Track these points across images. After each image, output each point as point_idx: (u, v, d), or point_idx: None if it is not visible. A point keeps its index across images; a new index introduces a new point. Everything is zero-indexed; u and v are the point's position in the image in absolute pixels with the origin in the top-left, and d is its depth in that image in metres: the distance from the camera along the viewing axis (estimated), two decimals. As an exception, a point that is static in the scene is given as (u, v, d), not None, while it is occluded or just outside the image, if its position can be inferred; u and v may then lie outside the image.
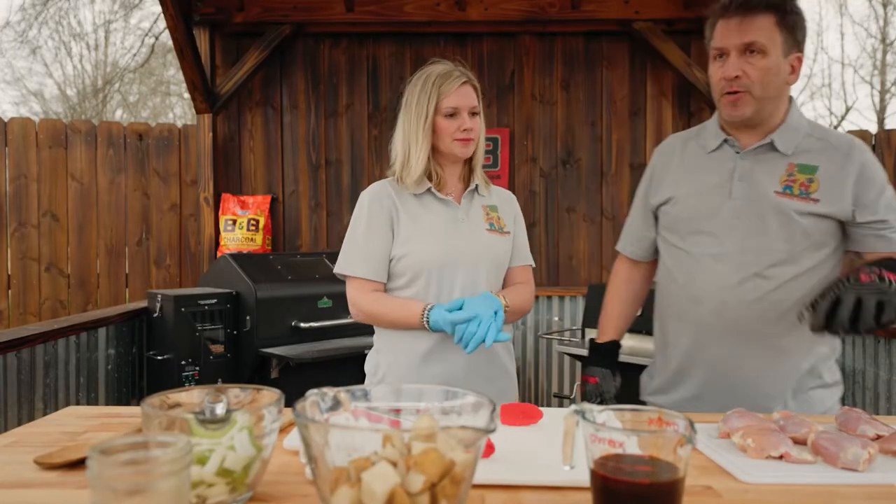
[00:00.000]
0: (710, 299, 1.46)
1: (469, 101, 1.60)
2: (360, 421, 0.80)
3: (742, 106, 1.41)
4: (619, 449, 0.70)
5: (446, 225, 1.61)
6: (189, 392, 0.88)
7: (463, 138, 1.59)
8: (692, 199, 1.51)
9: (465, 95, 1.60)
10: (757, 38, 1.38)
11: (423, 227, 1.60)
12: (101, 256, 4.18)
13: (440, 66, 1.65)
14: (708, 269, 1.47)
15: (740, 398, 1.42)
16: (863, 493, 0.86)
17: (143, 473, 0.62)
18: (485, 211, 1.66)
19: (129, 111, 13.64)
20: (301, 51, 4.11)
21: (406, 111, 1.64)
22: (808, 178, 1.41)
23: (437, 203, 1.63)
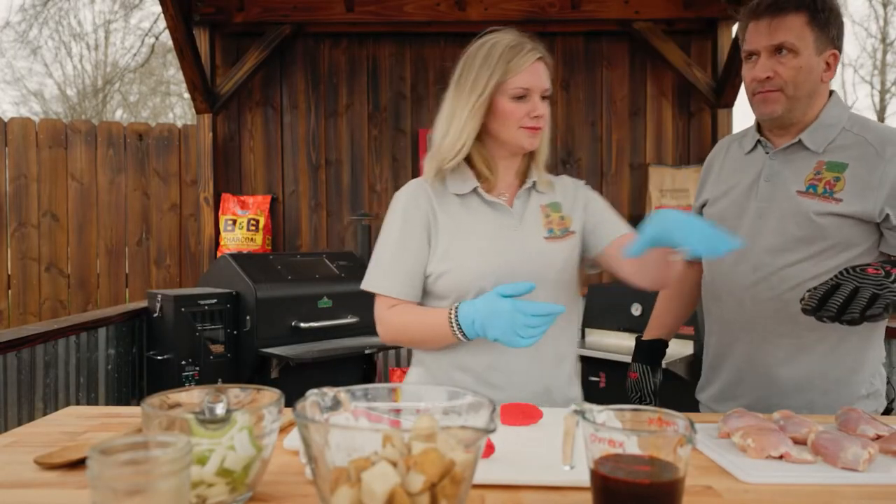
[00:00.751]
0: (729, 298, 1.48)
1: (542, 81, 1.35)
2: (360, 421, 0.80)
3: (772, 103, 1.40)
4: (619, 449, 0.70)
5: (495, 235, 1.36)
6: (189, 392, 0.88)
7: (532, 126, 1.33)
8: (724, 201, 1.53)
9: (539, 74, 1.34)
10: (787, 39, 1.36)
11: (466, 239, 1.35)
12: (101, 256, 4.18)
13: (508, 35, 1.36)
14: (728, 268, 1.48)
15: (766, 395, 1.43)
16: (863, 493, 0.86)
17: (143, 473, 0.62)
18: (543, 213, 1.39)
19: (129, 111, 13.65)
20: (301, 51, 4.11)
21: (458, 86, 1.37)
22: (834, 177, 1.38)
23: (485, 207, 1.38)
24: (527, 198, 1.41)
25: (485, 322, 1.18)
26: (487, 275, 1.31)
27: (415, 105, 4.13)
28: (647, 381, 1.62)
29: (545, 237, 1.37)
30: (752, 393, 1.46)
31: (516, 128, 1.34)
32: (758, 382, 1.46)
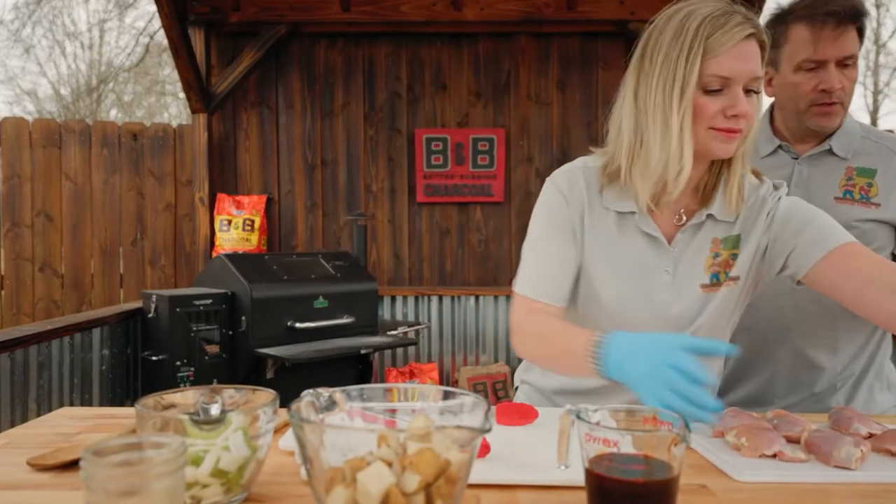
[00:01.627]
0: (766, 305, 1.44)
1: (748, 66, 1.00)
2: (355, 421, 0.80)
3: (835, 116, 1.38)
4: (614, 448, 0.70)
5: (640, 273, 1.12)
6: (184, 393, 0.88)
7: (728, 129, 1.02)
8: None
9: (746, 57, 1.01)
10: (853, 51, 1.35)
11: (604, 264, 1.12)
12: (96, 256, 4.17)
13: (723, 3, 1.02)
14: None
15: (806, 398, 1.43)
16: (855, 492, 0.86)
17: (137, 474, 0.62)
18: (712, 251, 1.11)
19: (123, 111, 13.61)
20: (297, 51, 4.11)
21: (645, 70, 1.06)
22: (867, 182, 1.39)
23: (638, 237, 1.12)
24: (695, 231, 1.12)
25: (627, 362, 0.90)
26: (613, 315, 1.12)
27: (411, 105, 4.13)
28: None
29: (703, 286, 1.11)
30: (791, 395, 1.45)
31: (706, 128, 1.03)
32: (796, 385, 1.45)
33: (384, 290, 3.95)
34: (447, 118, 4.12)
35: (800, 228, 1.10)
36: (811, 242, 1.08)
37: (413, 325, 3.57)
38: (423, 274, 4.16)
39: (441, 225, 4.15)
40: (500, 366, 3.93)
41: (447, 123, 4.11)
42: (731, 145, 1.04)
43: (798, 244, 1.10)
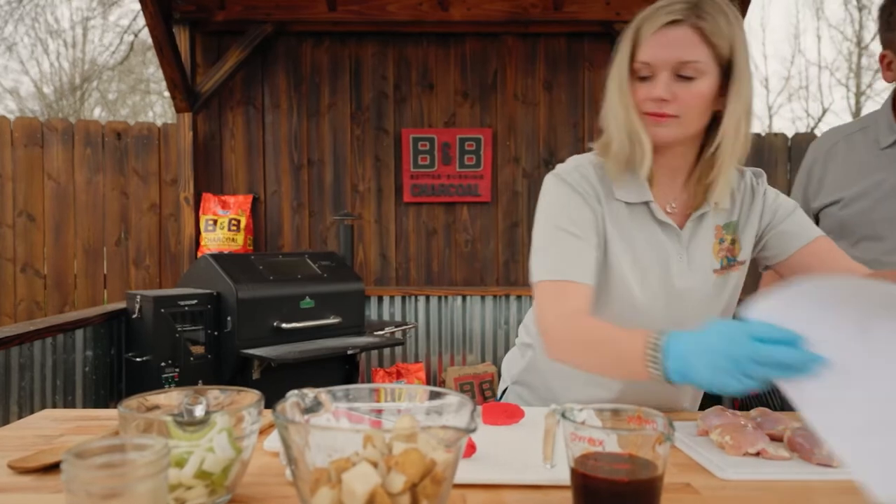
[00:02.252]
0: None
1: (675, 52, 1.03)
2: (341, 421, 0.80)
3: None
4: (599, 447, 0.71)
5: (659, 260, 1.13)
6: (168, 394, 0.87)
7: (654, 113, 1.06)
8: (865, 201, 1.36)
9: (667, 43, 1.03)
10: None
11: (624, 255, 1.12)
12: (79, 257, 4.13)
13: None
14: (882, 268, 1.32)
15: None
16: (837, 489, 0.87)
17: (120, 476, 0.62)
18: (717, 237, 1.14)
19: (107, 109, 13.49)
20: (283, 50, 4.09)
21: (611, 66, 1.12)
22: None
23: (652, 224, 1.14)
24: (700, 219, 1.15)
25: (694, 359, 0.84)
26: (638, 306, 1.12)
27: (397, 105, 4.12)
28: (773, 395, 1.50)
29: (715, 270, 1.13)
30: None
31: (639, 114, 1.07)
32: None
33: (371, 290, 3.94)
34: (434, 118, 4.12)
35: (784, 217, 1.17)
36: (793, 232, 1.15)
37: (400, 326, 3.56)
38: (409, 274, 4.16)
39: (428, 225, 4.15)
40: (487, 366, 3.93)
41: (434, 123, 4.11)
42: (661, 129, 1.07)
43: (782, 231, 1.16)
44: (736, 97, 1.05)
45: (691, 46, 1.03)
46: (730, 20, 1.04)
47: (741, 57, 1.05)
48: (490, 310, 3.97)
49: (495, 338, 3.99)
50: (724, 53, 1.04)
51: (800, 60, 17.46)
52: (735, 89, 1.05)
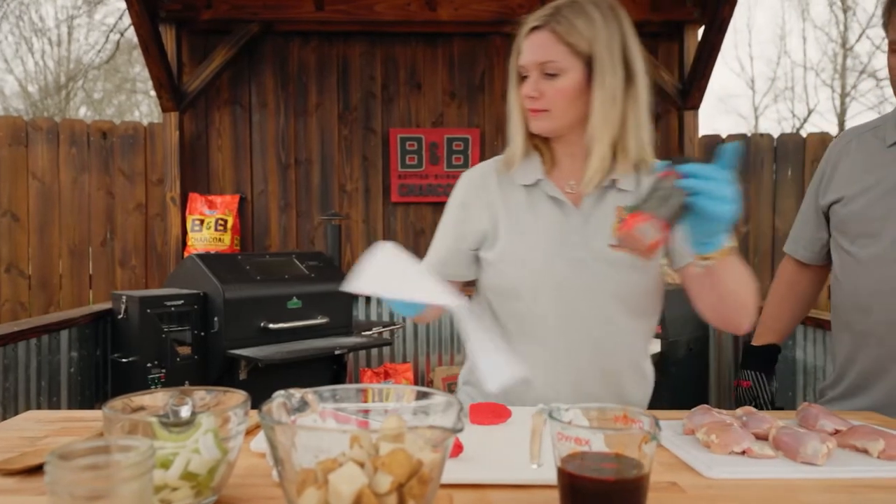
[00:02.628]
0: (880, 308, 1.32)
1: (536, 54, 1.18)
2: (327, 422, 0.80)
3: None
4: (586, 447, 0.71)
5: (554, 235, 1.23)
6: (153, 395, 0.87)
7: (530, 108, 1.21)
8: (864, 199, 1.35)
9: (533, 47, 1.19)
10: None
11: (522, 234, 1.24)
12: (64, 257, 4.09)
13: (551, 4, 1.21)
14: (877, 275, 1.32)
15: None
16: (821, 487, 0.88)
17: (104, 478, 0.61)
18: (619, 217, 1.18)
19: (93, 109, 13.38)
20: (270, 49, 4.07)
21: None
22: None
23: (547, 202, 1.25)
24: (601, 196, 1.23)
25: None
26: (541, 277, 1.21)
27: (385, 105, 4.12)
28: (763, 389, 1.49)
29: (611, 244, 1.21)
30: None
31: (525, 111, 1.22)
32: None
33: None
34: (422, 118, 4.11)
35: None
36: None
37: (388, 326, 3.56)
38: (398, 274, 4.15)
39: (416, 225, 4.15)
40: (476, 365, 3.93)
41: (422, 123, 4.11)
42: (537, 122, 1.21)
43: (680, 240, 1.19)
44: (599, 87, 1.17)
45: (549, 47, 1.17)
46: (591, 20, 1.17)
47: (601, 52, 1.17)
48: (478, 310, 3.97)
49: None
50: (583, 51, 1.17)
51: (785, 61, 17.64)
52: (598, 81, 1.17)
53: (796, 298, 1.58)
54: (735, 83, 21.89)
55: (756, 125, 14.15)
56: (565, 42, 1.16)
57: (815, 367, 2.71)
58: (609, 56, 1.17)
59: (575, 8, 1.17)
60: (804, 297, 1.58)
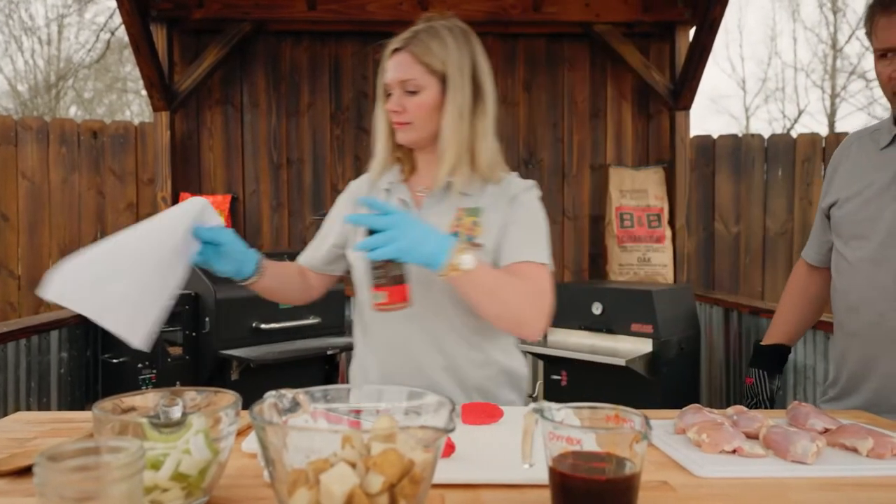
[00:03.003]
0: (868, 309, 1.35)
1: (396, 73, 1.31)
2: (319, 422, 0.80)
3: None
4: (577, 446, 0.71)
5: None
6: (144, 395, 0.86)
7: (395, 122, 1.34)
8: (856, 201, 1.38)
9: (392, 68, 1.32)
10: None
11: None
12: (54, 257, 4.07)
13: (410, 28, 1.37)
14: (865, 276, 1.35)
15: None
16: (811, 485, 0.89)
17: (94, 479, 0.61)
18: (457, 217, 1.33)
19: (83, 108, 13.30)
20: (262, 49, 4.06)
21: None
22: None
23: (396, 203, 1.39)
24: (441, 198, 1.35)
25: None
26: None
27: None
28: (764, 386, 1.54)
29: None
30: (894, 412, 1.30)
31: (388, 124, 1.37)
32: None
33: (351, 290, 3.92)
34: (414, 118, 4.11)
35: (512, 230, 1.33)
36: (506, 247, 1.31)
37: (380, 326, 3.55)
38: (390, 274, 4.14)
39: (408, 225, 4.15)
40: (468, 365, 3.94)
41: (414, 123, 4.11)
42: (401, 133, 1.34)
43: (503, 242, 1.32)
44: (451, 102, 1.31)
45: (408, 67, 1.31)
46: (444, 43, 1.31)
47: (453, 71, 1.30)
48: (471, 310, 3.97)
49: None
50: (437, 70, 1.31)
51: (776, 62, 17.72)
52: (449, 97, 1.31)
53: (807, 301, 1.60)
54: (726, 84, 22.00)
55: (747, 126, 14.23)
56: (422, 62, 1.30)
57: (805, 367, 2.73)
58: (459, 75, 1.31)
59: (430, 32, 1.32)
60: (815, 300, 1.59)
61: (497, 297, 1.21)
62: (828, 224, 1.50)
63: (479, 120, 1.34)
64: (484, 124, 1.35)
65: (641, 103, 4.14)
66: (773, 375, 1.56)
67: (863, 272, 1.36)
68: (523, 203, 1.36)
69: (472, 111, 1.33)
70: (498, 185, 1.36)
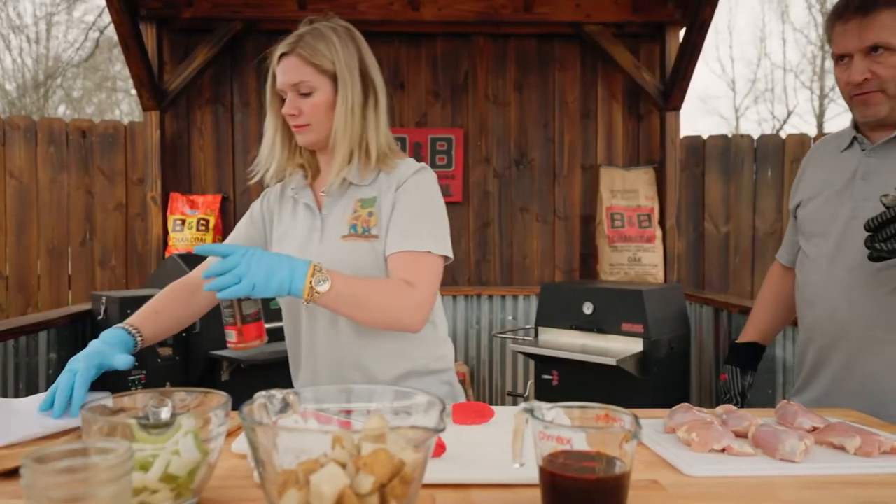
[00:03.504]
0: (822, 303, 1.41)
1: (289, 77, 1.33)
2: (309, 423, 0.79)
3: (875, 105, 1.33)
4: (567, 445, 0.71)
5: (303, 237, 1.39)
6: (132, 396, 0.86)
7: (293, 125, 1.35)
8: (817, 201, 1.45)
9: (285, 71, 1.34)
10: (881, 38, 1.29)
11: (280, 242, 1.43)
12: (42, 257, 4.04)
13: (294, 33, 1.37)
14: (821, 272, 1.42)
15: (864, 400, 1.34)
16: (799, 483, 0.89)
17: (82, 481, 0.60)
18: (354, 208, 1.36)
19: (72, 107, 13.20)
20: (252, 48, 4.04)
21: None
22: None
23: (303, 209, 1.42)
24: (340, 195, 1.38)
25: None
26: None
27: (368, 104, 4.10)
28: (736, 382, 1.59)
29: (343, 235, 1.34)
30: (852, 402, 1.35)
31: (283, 126, 1.39)
32: (858, 391, 1.37)
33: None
34: (405, 118, 4.11)
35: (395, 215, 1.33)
36: (391, 235, 1.32)
37: (371, 326, 3.55)
38: (381, 274, 4.14)
39: (400, 225, 4.14)
40: (459, 365, 3.94)
41: (405, 123, 4.11)
42: (301, 136, 1.35)
43: (389, 228, 1.33)
44: (342, 100, 1.33)
45: (299, 70, 1.32)
46: (330, 43, 1.34)
47: (342, 69, 1.33)
48: (462, 309, 3.98)
49: (467, 337, 3.99)
50: (328, 70, 1.33)
51: (765, 63, 17.82)
52: (341, 94, 1.33)
53: (781, 302, 1.65)
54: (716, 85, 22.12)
55: (737, 126, 14.31)
56: (312, 64, 1.32)
57: (794, 365, 2.75)
58: (349, 72, 1.34)
59: (315, 34, 1.34)
60: (788, 300, 1.63)
61: (364, 307, 1.21)
62: (796, 224, 1.56)
63: (371, 113, 1.37)
64: (376, 116, 1.38)
65: (632, 104, 4.16)
66: (745, 372, 1.61)
67: (819, 268, 1.43)
68: (407, 188, 1.35)
69: (363, 105, 1.36)
70: (390, 173, 1.37)
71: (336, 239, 1.35)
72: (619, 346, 2.90)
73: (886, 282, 1.32)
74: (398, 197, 1.34)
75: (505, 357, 3.98)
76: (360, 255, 1.32)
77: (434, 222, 1.33)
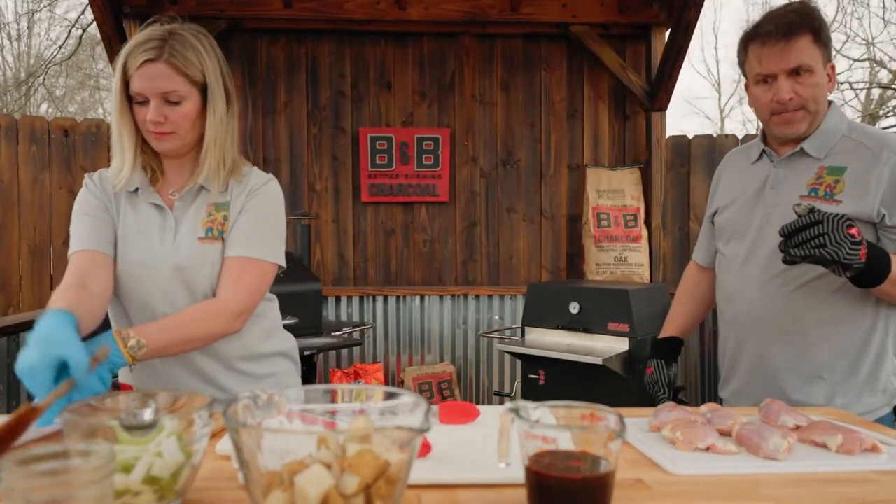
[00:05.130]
0: (740, 299, 1.55)
1: (157, 84, 1.29)
2: (294, 423, 0.79)
3: (798, 123, 1.45)
4: (553, 445, 0.71)
5: (154, 237, 1.37)
6: (115, 398, 0.85)
7: (155, 132, 1.31)
8: (732, 209, 1.60)
9: (151, 77, 1.28)
10: (803, 61, 1.41)
11: (129, 241, 1.38)
12: (24, 257, 3.99)
13: (147, 31, 1.34)
14: (739, 271, 1.56)
15: (775, 392, 1.47)
16: (782, 481, 0.90)
17: (63, 484, 0.60)
18: (207, 211, 1.38)
19: (54, 106, 13.06)
20: (238, 46, 4.02)
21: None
22: (834, 180, 1.44)
23: (148, 206, 1.39)
24: (193, 198, 1.40)
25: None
26: (145, 280, 1.36)
27: (355, 104, 4.10)
28: (662, 374, 1.71)
29: (199, 237, 1.37)
30: (764, 390, 1.49)
31: (146, 133, 1.34)
32: (768, 380, 1.51)
33: (328, 290, 3.90)
34: (392, 117, 4.10)
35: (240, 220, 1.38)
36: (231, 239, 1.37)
37: (358, 326, 3.54)
38: (367, 274, 4.13)
39: (386, 224, 4.14)
40: (446, 365, 3.94)
41: (392, 123, 4.10)
42: (163, 143, 1.33)
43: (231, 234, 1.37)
44: (211, 110, 1.35)
45: (170, 78, 1.29)
46: (199, 53, 1.33)
47: (212, 80, 1.34)
48: (448, 309, 3.98)
49: (454, 337, 3.99)
50: (199, 80, 1.33)
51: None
52: (210, 105, 1.35)
53: (697, 299, 1.81)
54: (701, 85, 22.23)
55: (722, 126, 14.40)
56: (183, 74, 1.31)
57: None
58: (217, 83, 1.35)
59: (183, 41, 1.33)
60: (704, 297, 1.79)
61: (187, 341, 1.28)
62: (713, 229, 1.70)
63: (230, 123, 1.39)
64: (233, 125, 1.41)
65: (618, 104, 4.18)
66: (669, 364, 1.73)
67: (736, 267, 1.57)
68: (255, 196, 1.41)
69: (226, 114, 1.38)
70: (241, 180, 1.42)
71: (192, 239, 1.37)
72: (605, 345, 2.91)
73: (791, 280, 1.46)
74: (246, 203, 1.40)
75: (492, 357, 3.99)
76: (217, 256, 1.37)
77: (274, 232, 1.42)
